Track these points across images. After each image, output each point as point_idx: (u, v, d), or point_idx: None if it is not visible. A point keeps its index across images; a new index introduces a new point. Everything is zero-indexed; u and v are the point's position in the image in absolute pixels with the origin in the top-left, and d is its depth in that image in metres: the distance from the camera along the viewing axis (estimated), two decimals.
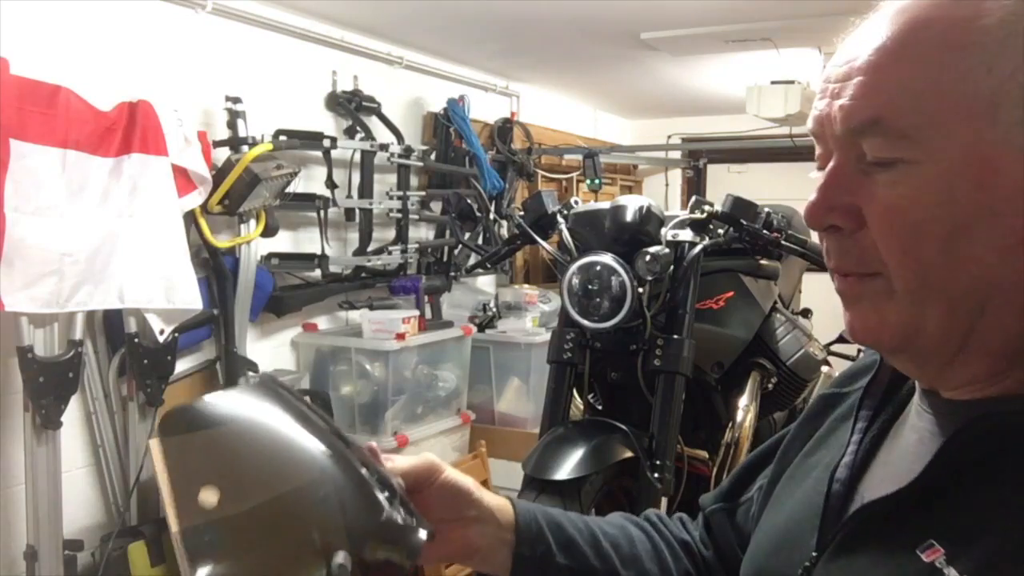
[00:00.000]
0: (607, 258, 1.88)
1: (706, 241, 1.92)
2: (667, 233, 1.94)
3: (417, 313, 3.00)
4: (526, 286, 3.77)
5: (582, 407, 2.12)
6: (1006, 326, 0.56)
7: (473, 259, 3.23)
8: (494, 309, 3.48)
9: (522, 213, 2.13)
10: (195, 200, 2.32)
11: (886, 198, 0.56)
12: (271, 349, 2.92)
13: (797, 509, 0.70)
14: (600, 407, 2.14)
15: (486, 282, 4.05)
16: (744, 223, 1.88)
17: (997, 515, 0.53)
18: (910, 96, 0.54)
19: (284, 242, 2.85)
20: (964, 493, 0.55)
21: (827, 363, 2.37)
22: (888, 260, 0.56)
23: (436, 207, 3.52)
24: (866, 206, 0.57)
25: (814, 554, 0.63)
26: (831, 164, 0.59)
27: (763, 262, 2.15)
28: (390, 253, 3.20)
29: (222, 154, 2.49)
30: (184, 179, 2.27)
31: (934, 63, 0.54)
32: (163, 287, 2.16)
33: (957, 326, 0.57)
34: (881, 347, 0.63)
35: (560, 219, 2.04)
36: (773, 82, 3.58)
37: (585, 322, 1.90)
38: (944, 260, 0.55)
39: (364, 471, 0.58)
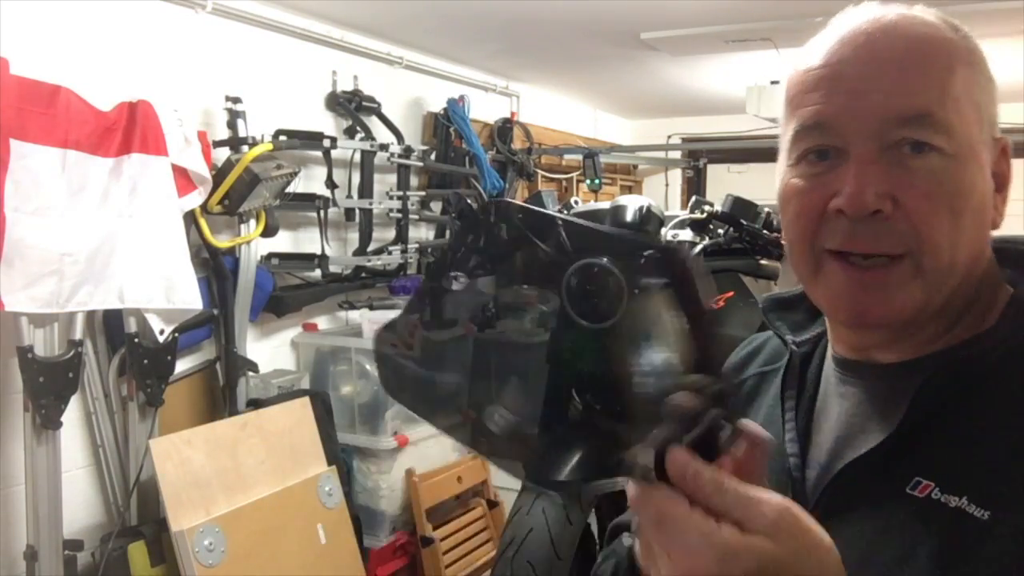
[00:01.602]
0: (607, 258, 1.88)
1: (706, 241, 1.92)
2: (667, 233, 1.94)
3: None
4: (526, 286, 3.76)
5: (581, 407, 2.11)
6: (964, 292, 0.67)
7: None
8: (494, 309, 3.48)
9: None
10: (195, 200, 2.32)
11: (928, 182, 0.63)
12: (271, 349, 2.92)
13: None
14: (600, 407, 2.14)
15: (486, 282, 4.04)
16: (744, 223, 1.89)
17: (975, 445, 0.61)
18: (950, 98, 0.64)
19: (284, 242, 2.85)
20: (938, 435, 0.63)
21: None
22: (929, 237, 0.63)
23: (436, 207, 3.52)
24: (904, 191, 0.63)
25: None
26: (858, 151, 0.64)
27: (763, 262, 2.16)
28: (390, 253, 3.20)
29: (222, 154, 2.49)
30: (184, 179, 2.27)
31: (959, 75, 0.65)
32: (163, 287, 2.16)
33: (950, 298, 0.66)
34: (888, 326, 0.66)
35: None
36: (773, 82, 3.58)
37: (584, 323, 1.89)
38: (965, 238, 0.64)
39: None
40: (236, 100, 2.55)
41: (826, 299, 0.69)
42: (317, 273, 2.92)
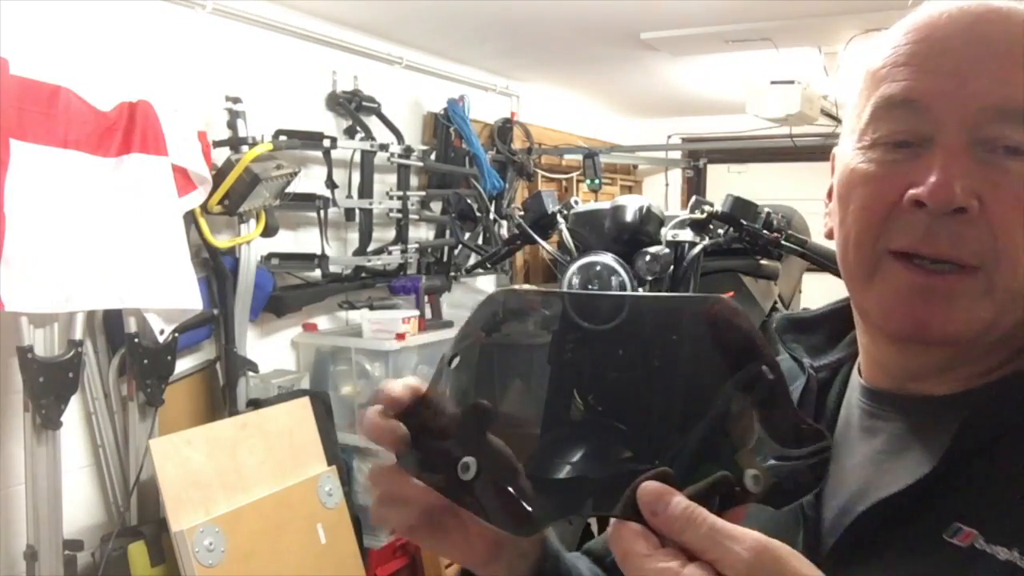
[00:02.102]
0: (607, 258, 1.88)
1: (706, 241, 1.92)
2: (667, 233, 1.94)
3: (417, 313, 3.00)
4: (526, 286, 3.77)
5: (582, 407, 2.11)
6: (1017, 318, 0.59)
7: (473, 259, 3.23)
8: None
9: (522, 213, 2.14)
10: (195, 200, 2.32)
11: (1019, 188, 0.56)
12: (271, 349, 2.92)
13: (768, 528, 0.68)
14: (600, 408, 2.14)
15: (486, 282, 4.05)
16: (744, 223, 1.88)
17: (1018, 488, 0.54)
18: None
19: (284, 242, 2.85)
20: (982, 476, 0.56)
21: None
22: (1009, 251, 0.56)
23: (436, 207, 3.52)
24: (991, 192, 0.56)
25: None
26: (948, 140, 0.57)
27: (763, 262, 2.16)
28: (390, 253, 3.20)
29: (222, 154, 2.49)
30: (184, 179, 2.27)
31: None
32: (163, 287, 2.16)
33: (1015, 326, 0.59)
34: (948, 344, 0.59)
35: (560, 219, 2.04)
36: (773, 82, 3.58)
37: (585, 323, 1.90)
38: None
39: None
40: (236, 100, 2.54)
41: (880, 306, 0.60)
42: (317, 273, 2.92)
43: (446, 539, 0.61)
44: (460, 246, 3.44)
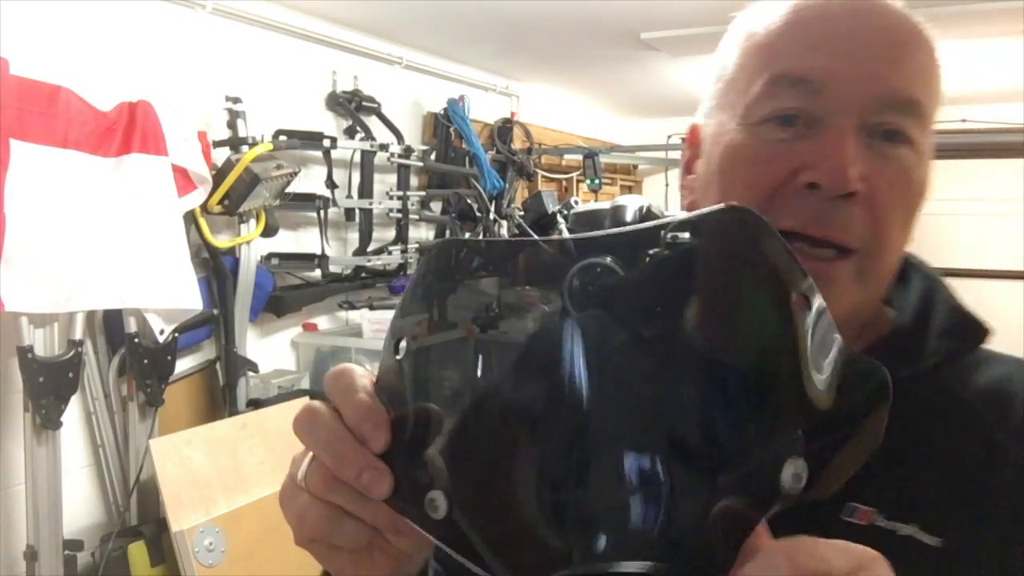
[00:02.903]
0: (607, 259, 1.88)
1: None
2: (667, 234, 1.94)
3: None
4: (527, 287, 3.76)
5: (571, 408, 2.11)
6: (875, 303, 0.62)
7: None
8: (495, 310, 3.48)
9: (522, 213, 2.14)
10: (195, 200, 2.32)
11: (898, 175, 0.58)
12: (271, 349, 2.92)
13: None
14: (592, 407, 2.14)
15: (487, 282, 4.04)
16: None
17: (906, 469, 0.56)
18: (933, 94, 0.60)
19: (284, 242, 2.85)
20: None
21: None
22: (886, 235, 0.58)
23: (436, 207, 3.51)
24: (875, 177, 0.56)
25: None
26: (838, 123, 0.56)
27: None
28: (390, 253, 3.20)
29: (222, 154, 2.49)
30: (184, 179, 2.27)
31: (938, 75, 0.61)
32: (163, 287, 2.16)
33: (870, 301, 0.61)
34: None
35: (560, 219, 2.04)
36: None
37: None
38: (904, 244, 0.61)
39: None
40: (236, 100, 2.54)
41: None
42: (317, 273, 2.92)
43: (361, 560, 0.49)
44: None
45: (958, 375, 0.61)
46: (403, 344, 0.46)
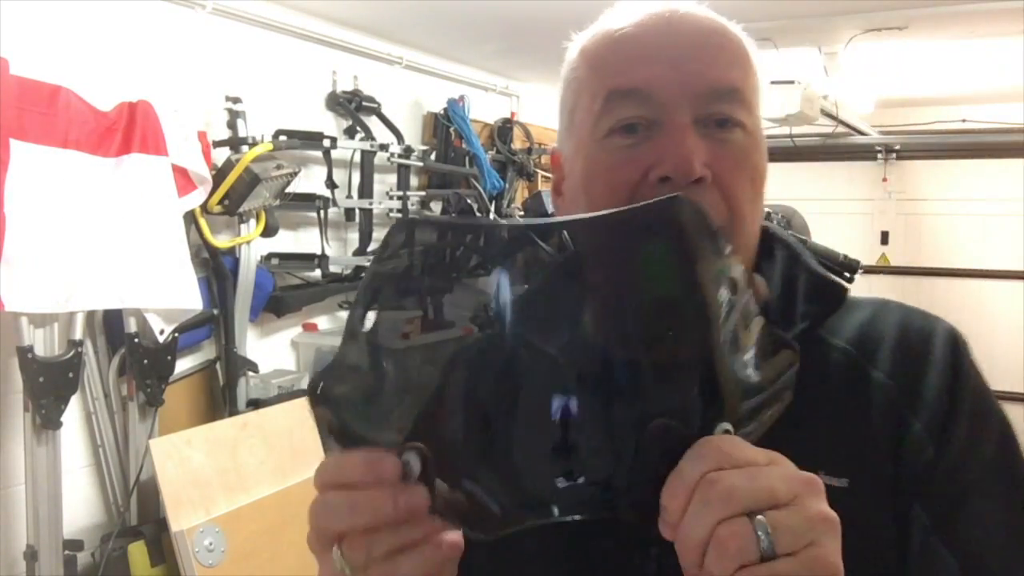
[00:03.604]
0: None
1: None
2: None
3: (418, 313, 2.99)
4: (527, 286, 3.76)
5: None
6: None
7: None
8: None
9: (522, 213, 2.14)
10: (195, 200, 2.32)
11: (735, 155, 0.65)
12: (271, 349, 2.92)
13: None
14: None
15: (486, 282, 4.04)
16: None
17: (800, 421, 0.59)
18: (750, 79, 0.68)
19: (284, 242, 2.85)
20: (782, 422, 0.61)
21: None
22: (739, 210, 0.64)
23: (436, 207, 3.51)
24: (717, 162, 0.63)
25: None
26: (676, 121, 0.63)
27: None
28: None
29: (222, 154, 2.49)
30: (184, 179, 2.27)
31: (751, 61, 0.69)
32: (163, 287, 2.16)
33: None
34: None
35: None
36: (773, 82, 3.58)
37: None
38: (759, 215, 0.68)
39: None
40: (236, 100, 2.54)
41: None
42: (317, 273, 2.93)
43: None
44: None
45: (828, 326, 0.69)
46: (367, 321, 0.51)
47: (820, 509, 0.46)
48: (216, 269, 2.55)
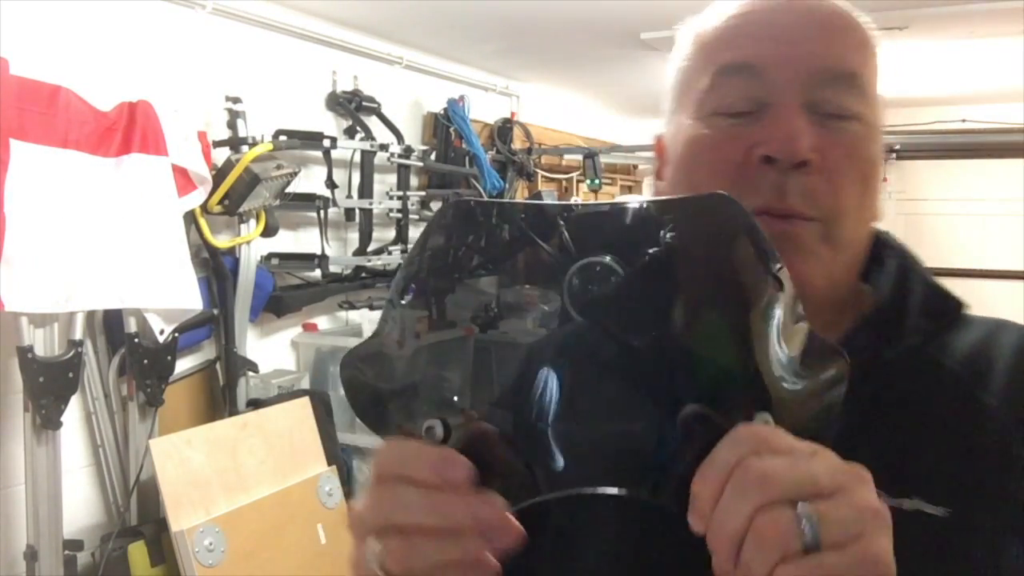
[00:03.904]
0: (607, 259, 1.88)
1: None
2: (667, 234, 1.94)
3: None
4: (527, 286, 3.76)
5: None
6: (851, 278, 0.65)
7: None
8: (495, 309, 3.48)
9: None
10: (195, 200, 2.32)
11: (848, 144, 0.60)
12: (271, 349, 2.92)
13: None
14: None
15: (487, 282, 4.04)
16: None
17: (898, 446, 0.58)
18: (869, 68, 0.63)
19: (284, 242, 2.85)
20: (859, 437, 0.57)
21: None
22: (844, 202, 0.60)
23: (436, 207, 3.51)
24: (828, 147, 0.59)
25: None
26: (785, 101, 0.60)
27: None
28: (390, 253, 3.20)
29: (222, 154, 2.49)
30: (184, 179, 2.27)
31: (872, 53, 0.64)
32: (163, 287, 2.16)
33: (844, 281, 0.63)
34: (803, 288, 0.60)
35: (560, 219, 2.04)
36: None
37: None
38: (867, 214, 0.63)
39: None
40: (236, 100, 2.54)
41: None
42: (317, 273, 2.92)
43: None
44: None
45: (939, 344, 0.64)
46: (408, 294, 0.51)
47: (869, 500, 0.42)
48: (216, 269, 2.55)
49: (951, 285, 0.68)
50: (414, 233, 3.35)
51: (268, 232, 2.63)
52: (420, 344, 0.52)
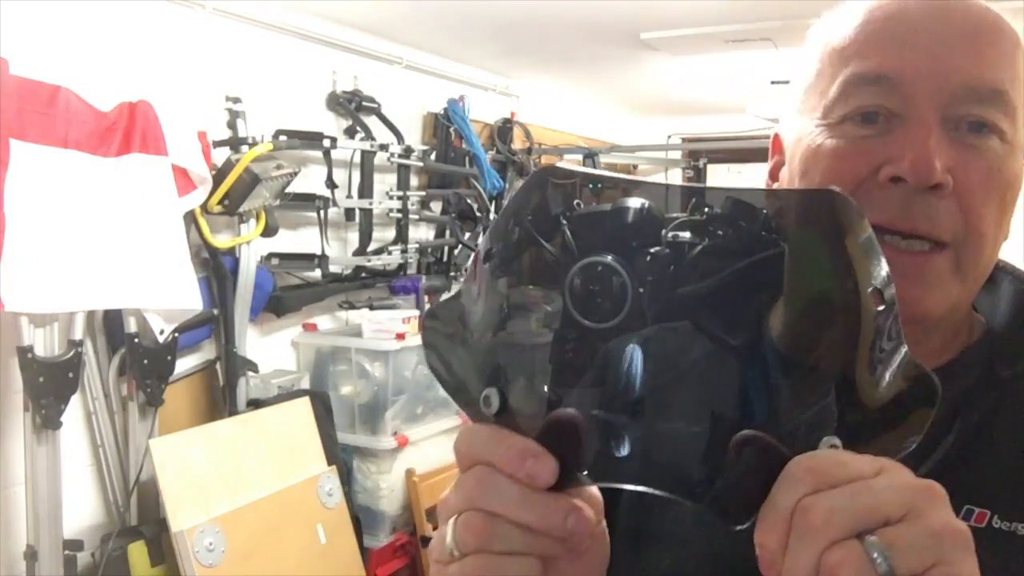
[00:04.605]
0: (608, 258, 1.88)
1: (706, 242, 1.92)
2: (667, 234, 1.94)
3: (417, 313, 3.00)
4: (528, 286, 3.76)
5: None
6: (972, 299, 0.62)
7: None
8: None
9: None
10: (195, 200, 2.32)
11: (986, 166, 0.56)
12: (271, 349, 2.92)
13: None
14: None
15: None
16: (744, 224, 1.88)
17: (1013, 467, 0.56)
18: (1020, 82, 0.58)
19: (284, 242, 2.85)
20: (972, 460, 0.57)
21: None
22: (977, 228, 0.57)
23: (436, 207, 3.52)
24: (962, 169, 0.56)
25: None
26: (921, 116, 0.56)
27: None
28: (390, 253, 3.20)
29: (222, 154, 2.49)
30: (184, 179, 2.27)
31: (1020, 56, 0.59)
32: (163, 287, 2.16)
33: (969, 297, 0.60)
34: (917, 321, 0.57)
35: (562, 219, 2.04)
36: (773, 82, 3.58)
37: (586, 322, 1.89)
38: (1003, 237, 0.59)
39: None
40: (236, 100, 2.54)
41: None
42: (317, 273, 2.92)
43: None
44: (460, 246, 3.44)
45: None
46: (493, 255, 0.49)
47: (945, 520, 0.39)
48: (216, 269, 2.55)
49: None
50: (414, 233, 3.35)
51: (268, 232, 2.63)
52: (503, 312, 0.50)
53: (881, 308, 0.42)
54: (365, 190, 3.07)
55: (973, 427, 0.57)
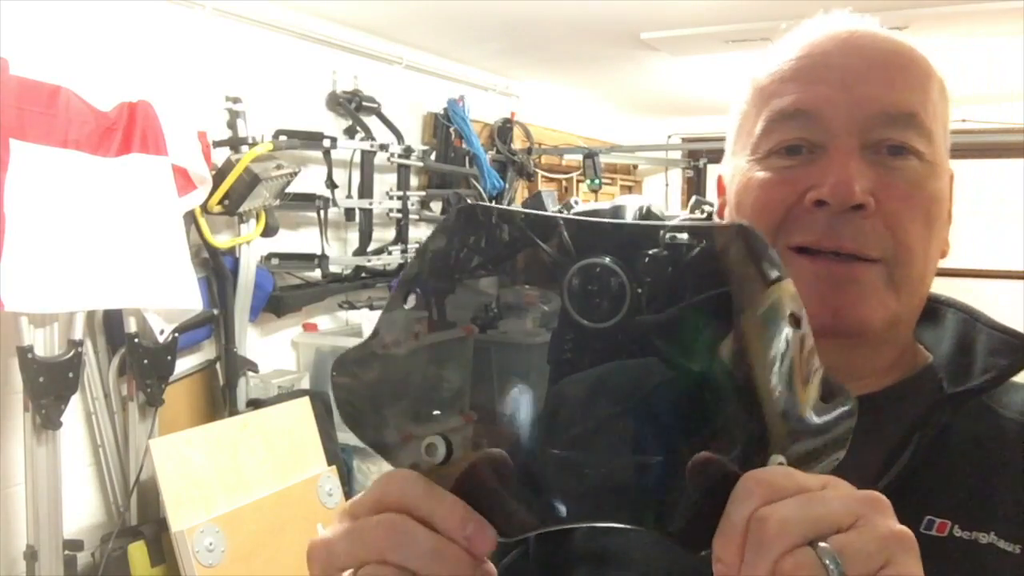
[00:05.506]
0: (606, 259, 1.88)
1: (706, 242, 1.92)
2: (667, 234, 1.94)
3: None
4: (527, 286, 3.76)
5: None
6: (913, 318, 0.65)
7: None
8: (495, 309, 3.48)
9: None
10: (195, 200, 2.32)
11: (907, 185, 0.61)
12: (271, 349, 2.92)
13: None
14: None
15: (486, 282, 4.04)
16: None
17: (976, 481, 0.59)
18: (931, 106, 0.63)
19: (284, 242, 2.85)
20: (931, 472, 0.60)
21: None
22: (905, 243, 0.60)
23: (436, 207, 3.52)
24: (884, 190, 0.60)
25: None
26: (841, 144, 0.60)
27: None
28: (390, 253, 3.20)
29: (222, 154, 2.49)
30: (184, 179, 2.27)
31: (935, 87, 0.64)
32: (163, 287, 2.16)
33: (908, 321, 0.64)
34: (862, 333, 0.62)
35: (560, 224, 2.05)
36: None
37: (585, 322, 1.90)
38: (933, 251, 0.63)
39: None
40: (236, 100, 2.54)
41: None
42: (317, 273, 2.93)
43: None
44: None
45: (995, 398, 0.64)
46: (412, 298, 0.48)
47: (890, 527, 0.42)
48: (216, 269, 2.55)
49: (951, 285, 0.69)
50: (414, 233, 3.35)
51: (268, 232, 2.63)
52: (418, 345, 0.50)
53: (798, 330, 0.44)
54: (365, 190, 3.07)
55: (929, 443, 0.60)
